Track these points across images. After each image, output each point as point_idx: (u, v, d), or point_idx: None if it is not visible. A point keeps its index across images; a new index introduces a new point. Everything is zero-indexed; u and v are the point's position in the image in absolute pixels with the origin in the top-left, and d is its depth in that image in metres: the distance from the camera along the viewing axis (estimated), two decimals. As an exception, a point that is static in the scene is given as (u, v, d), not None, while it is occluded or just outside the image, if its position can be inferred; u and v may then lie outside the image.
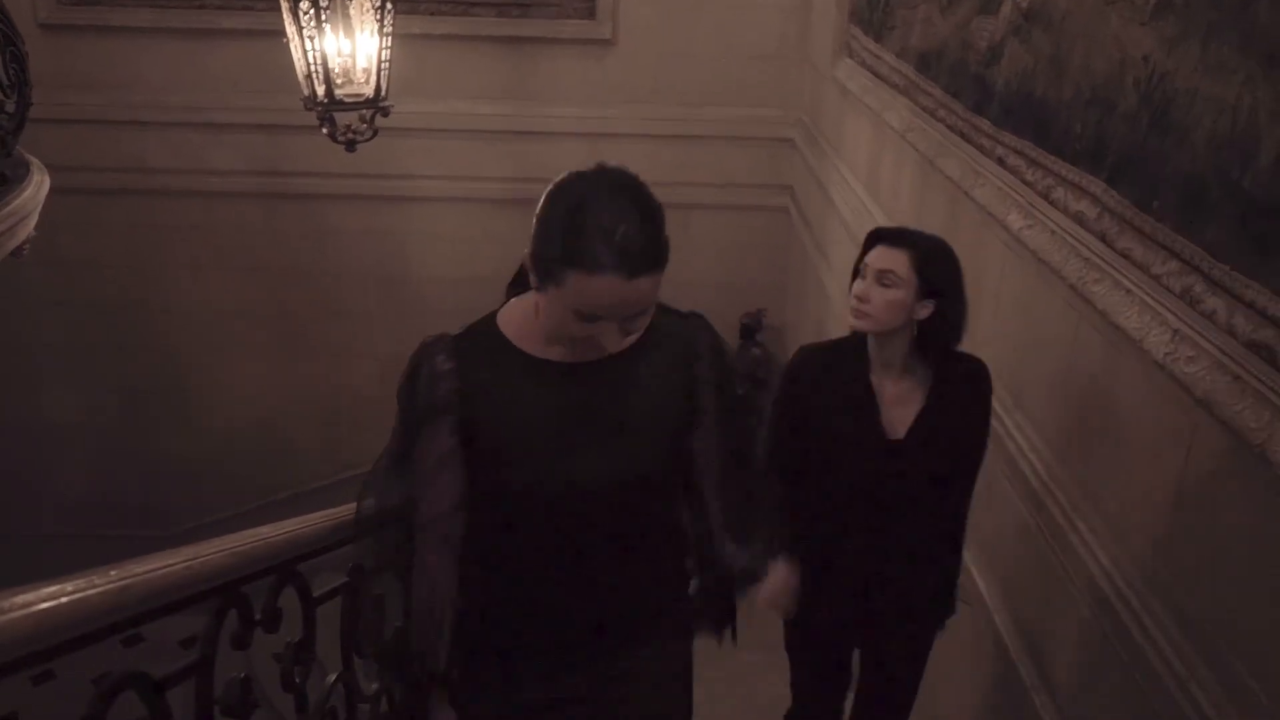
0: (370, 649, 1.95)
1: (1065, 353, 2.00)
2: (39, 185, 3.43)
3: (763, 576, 1.68)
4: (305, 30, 3.40)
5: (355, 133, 3.69)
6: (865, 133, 3.79)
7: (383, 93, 3.66)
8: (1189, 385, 1.47)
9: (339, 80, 3.54)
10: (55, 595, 1.10)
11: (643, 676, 1.55)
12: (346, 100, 3.59)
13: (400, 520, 1.47)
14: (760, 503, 1.67)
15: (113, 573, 1.20)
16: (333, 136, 3.66)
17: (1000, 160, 2.35)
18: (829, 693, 2.26)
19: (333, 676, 1.82)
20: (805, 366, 2.06)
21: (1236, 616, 1.42)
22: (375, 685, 2.00)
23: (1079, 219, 1.92)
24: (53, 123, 4.19)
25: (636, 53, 5.10)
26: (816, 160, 4.66)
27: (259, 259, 5.50)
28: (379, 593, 2.06)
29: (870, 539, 1.98)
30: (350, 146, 3.71)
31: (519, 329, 1.41)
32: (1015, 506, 2.16)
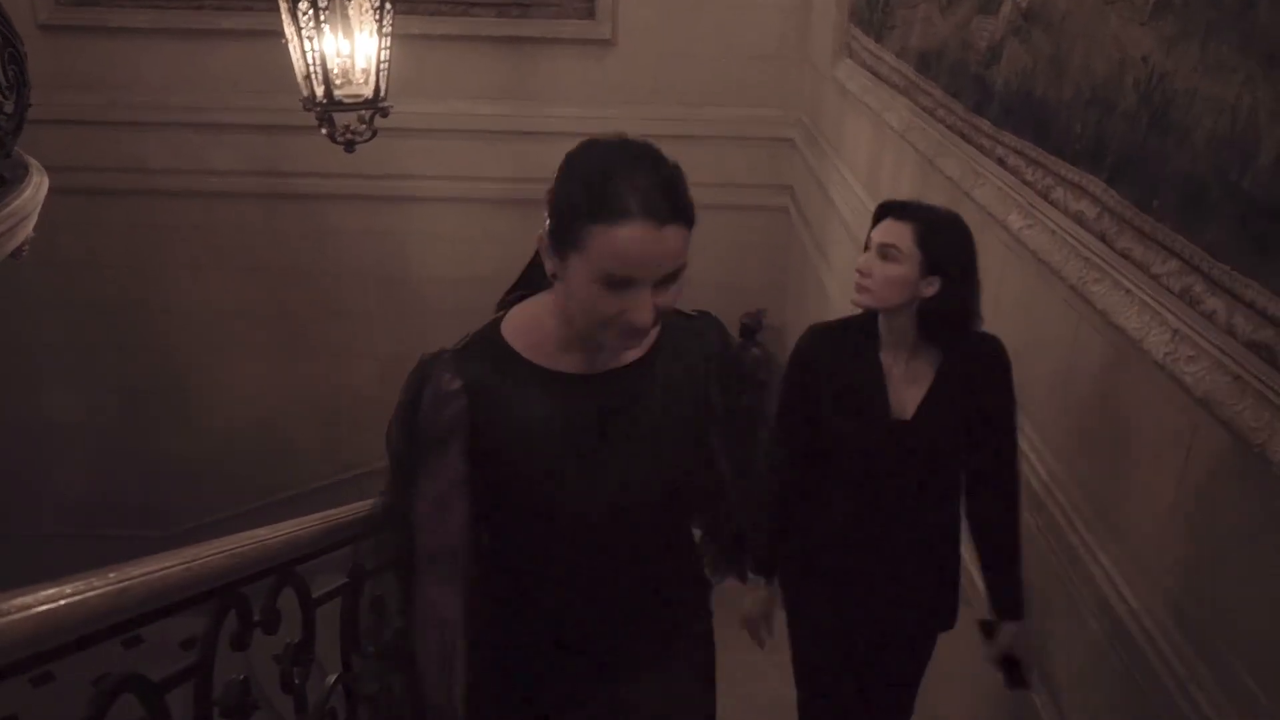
0: (370, 649, 1.95)
1: (1065, 353, 2.00)
2: (38, 186, 3.43)
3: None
4: (304, 31, 3.40)
5: (354, 133, 3.69)
6: (865, 133, 3.79)
7: (382, 93, 3.65)
8: (1189, 385, 1.47)
9: (338, 81, 3.54)
10: (54, 597, 1.10)
11: (663, 696, 1.48)
12: (346, 101, 3.59)
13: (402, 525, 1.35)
14: (755, 511, 1.61)
15: (111, 574, 1.20)
16: (332, 137, 3.66)
17: (1000, 160, 2.34)
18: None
19: (332, 677, 1.82)
20: (813, 345, 1.99)
21: (1236, 617, 1.42)
22: (375, 685, 2.01)
23: (1079, 219, 1.92)
24: (52, 123, 4.18)
25: (636, 53, 5.10)
26: (816, 160, 4.65)
27: (259, 259, 5.50)
28: (378, 593, 2.06)
29: (881, 524, 1.92)
30: (349, 147, 3.71)
31: (527, 338, 1.30)
32: (1015, 507, 2.16)
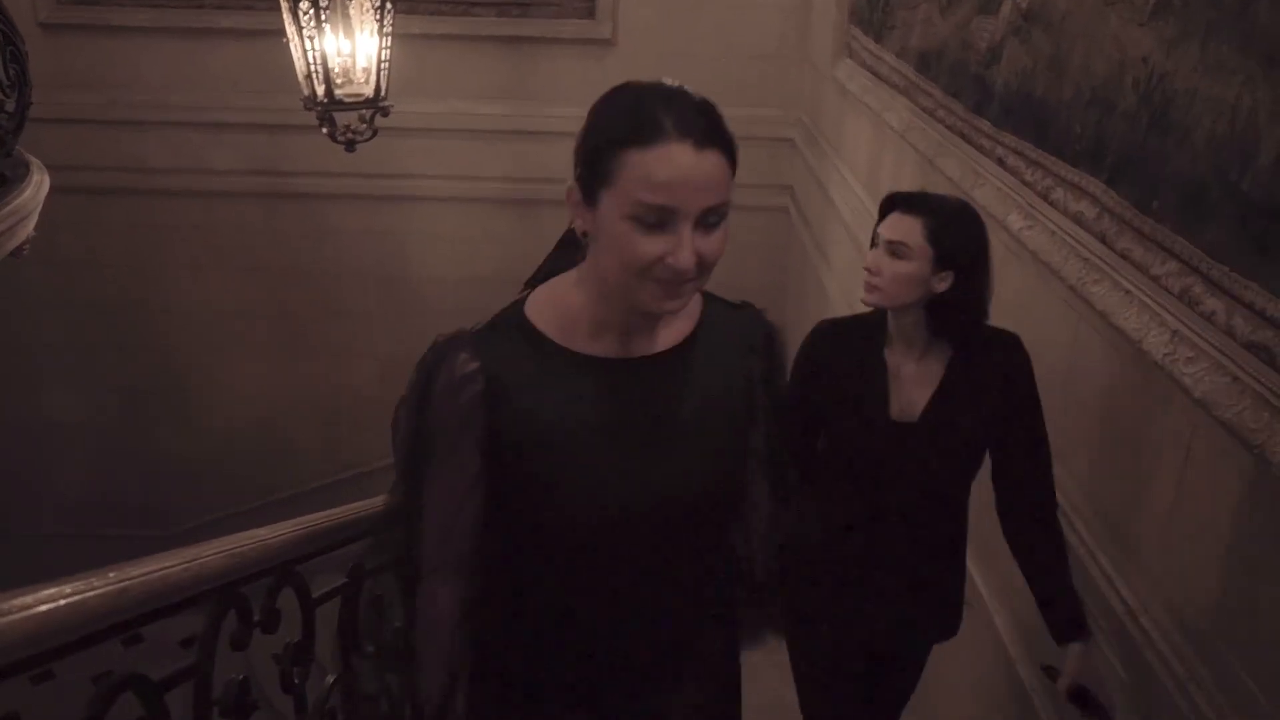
0: (370, 649, 1.95)
1: (1065, 353, 2.00)
2: (39, 185, 3.43)
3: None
4: (305, 30, 3.40)
5: (355, 132, 3.69)
6: (865, 133, 3.79)
7: (382, 93, 3.66)
8: (1188, 386, 1.47)
9: (339, 80, 3.54)
10: (54, 598, 1.10)
11: (688, 711, 1.35)
12: (346, 100, 3.59)
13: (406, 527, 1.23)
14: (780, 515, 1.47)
15: (111, 574, 1.20)
16: (332, 136, 3.66)
17: (1000, 161, 2.34)
18: None
19: (332, 677, 1.82)
20: (819, 343, 1.91)
21: (1236, 617, 1.42)
22: (375, 685, 2.01)
23: (1078, 219, 1.92)
24: (52, 122, 4.18)
25: (636, 53, 5.10)
26: (816, 160, 4.65)
27: (259, 259, 5.50)
28: (379, 593, 2.06)
29: (884, 532, 1.86)
30: (350, 146, 3.71)
31: (555, 319, 1.17)
32: (1015, 507, 2.16)
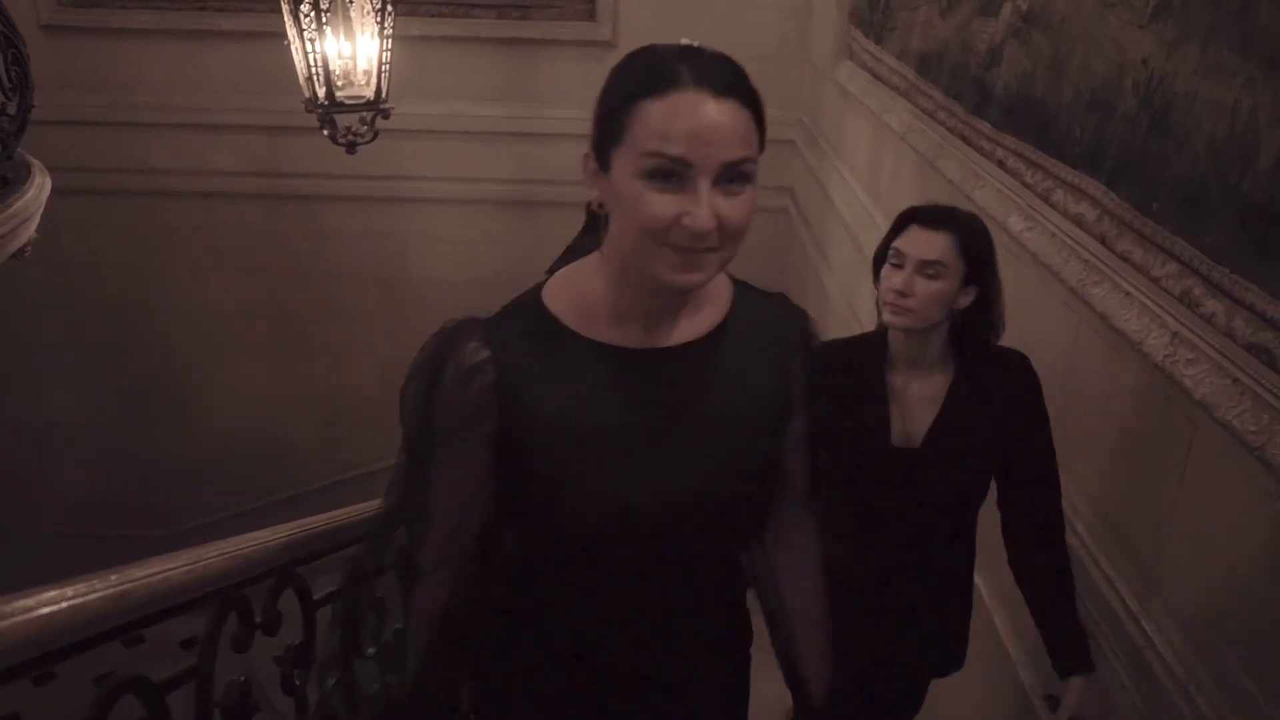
0: (371, 650, 1.95)
1: (1065, 355, 2.00)
2: (40, 187, 3.44)
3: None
4: (306, 32, 3.40)
5: (356, 134, 3.70)
6: (865, 134, 3.79)
7: (383, 94, 3.66)
8: (1188, 387, 1.48)
9: (339, 82, 3.55)
10: (56, 600, 1.10)
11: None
12: (347, 102, 3.60)
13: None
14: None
15: (113, 577, 1.20)
16: (333, 138, 3.67)
17: (1000, 163, 2.35)
18: None
19: (333, 679, 1.82)
20: (815, 368, 1.85)
21: (1236, 618, 1.42)
22: (376, 686, 2.01)
23: (1079, 221, 1.92)
24: (54, 124, 4.20)
25: (637, 54, 5.10)
26: (817, 161, 4.66)
27: (259, 260, 5.51)
28: (379, 595, 2.07)
29: (886, 563, 1.78)
30: (351, 148, 3.72)
31: (574, 305, 1.08)
32: (1015, 508, 2.16)
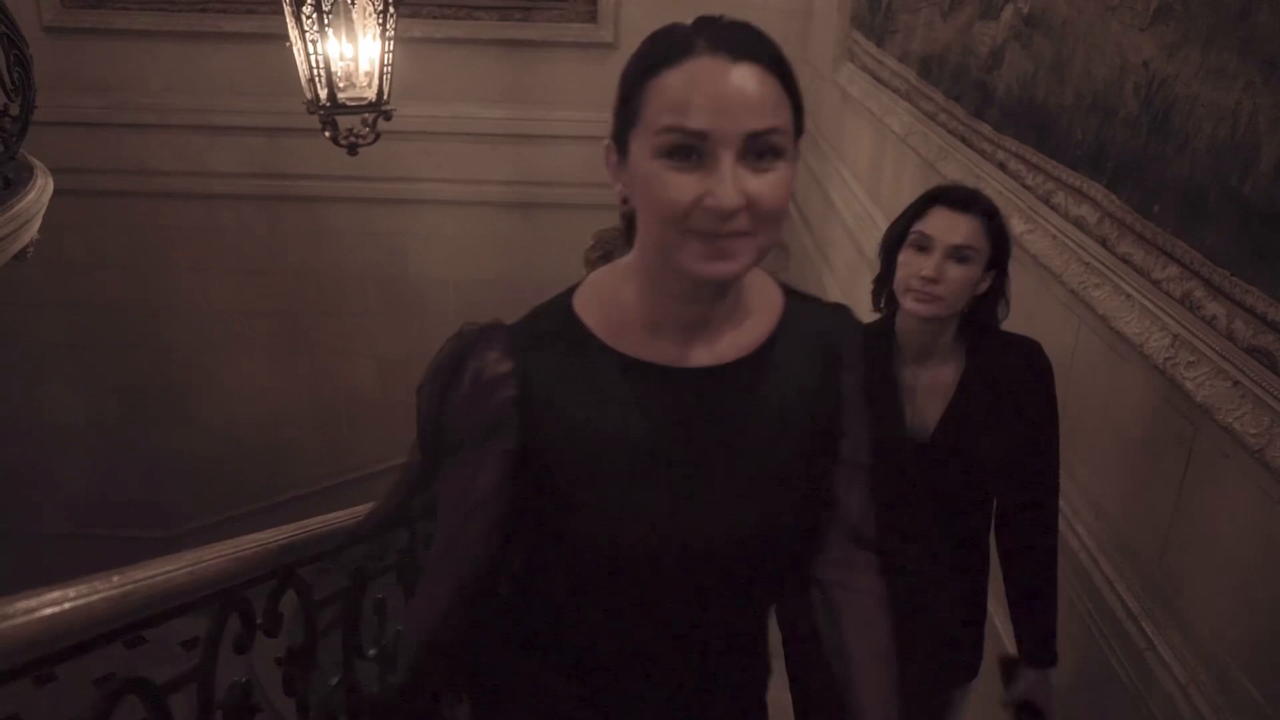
0: (372, 652, 1.95)
1: (1065, 357, 2.00)
2: (42, 189, 3.45)
3: None
4: (308, 34, 3.41)
5: (357, 136, 3.70)
6: (866, 136, 3.79)
7: (385, 96, 3.67)
8: (1189, 390, 1.48)
9: (341, 84, 3.56)
10: (58, 601, 1.10)
11: None
12: (349, 104, 3.60)
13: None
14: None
15: (115, 578, 1.20)
16: (335, 140, 3.67)
17: (1001, 165, 2.35)
18: None
19: (334, 680, 1.83)
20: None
21: (1236, 620, 1.42)
22: (376, 688, 2.01)
23: (1079, 224, 1.92)
24: (56, 125, 4.21)
25: (638, 56, 5.10)
26: (817, 163, 4.66)
27: (260, 261, 5.51)
28: (380, 596, 2.07)
29: (895, 563, 1.71)
30: (352, 149, 3.72)
31: (605, 315, 1.00)
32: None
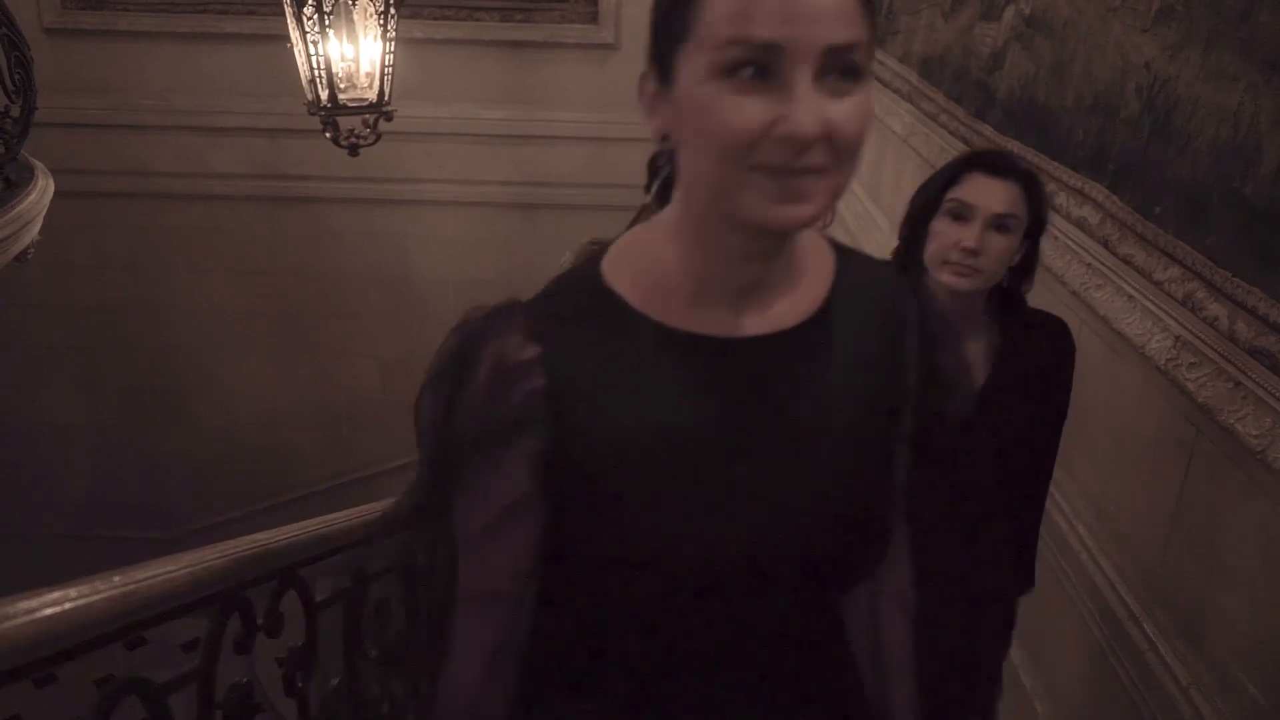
0: (374, 653, 1.95)
1: (1067, 358, 2.00)
2: (43, 190, 3.45)
3: None
4: (309, 35, 3.41)
5: (358, 137, 3.70)
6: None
7: (386, 97, 3.67)
8: (1191, 391, 1.48)
9: (342, 85, 3.55)
10: (59, 601, 1.10)
11: None
12: (350, 105, 3.60)
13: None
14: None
15: (116, 578, 1.20)
16: (335, 141, 3.67)
17: (1002, 165, 2.35)
18: None
19: (335, 681, 1.83)
20: None
21: (1238, 621, 1.42)
22: (377, 689, 2.01)
23: (1081, 225, 1.92)
24: (57, 127, 4.21)
25: (639, 56, 4.95)
26: (819, 164, 4.66)
27: (261, 262, 5.51)
28: (381, 596, 2.07)
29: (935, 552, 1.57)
30: (353, 150, 3.72)
31: (641, 281, 0.82)
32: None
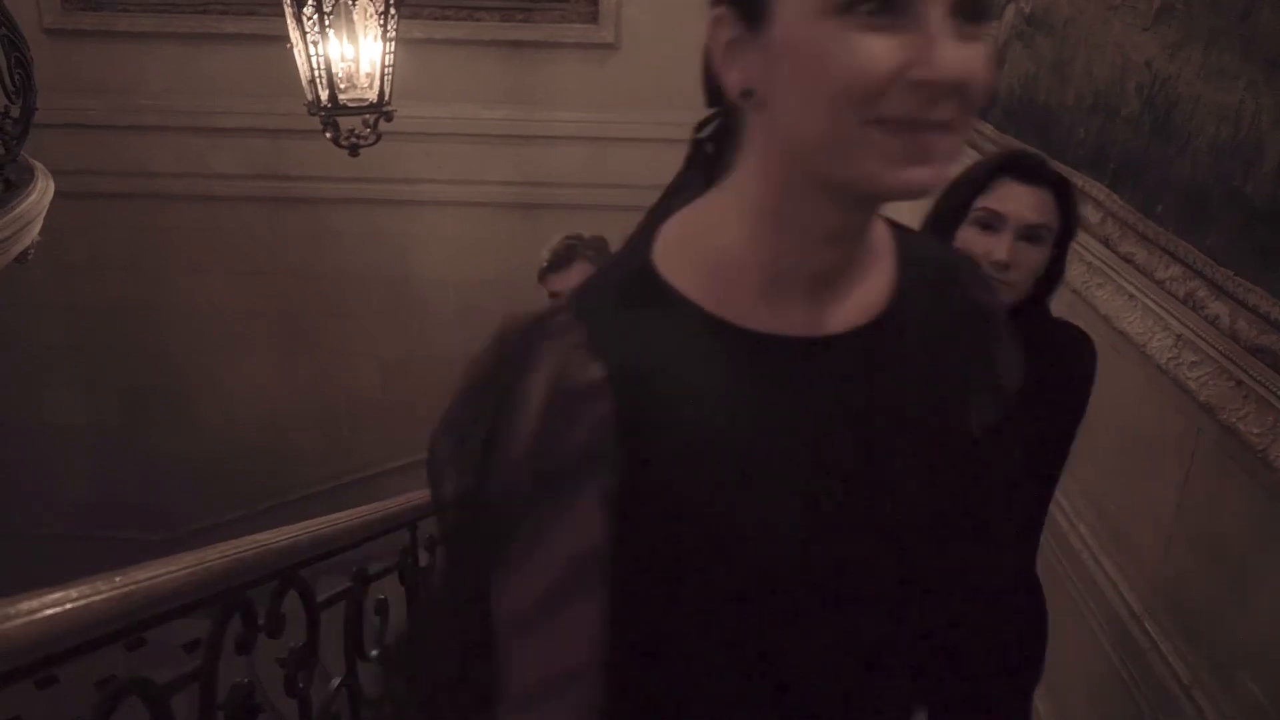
0: (374, 653, 1.96)
1: (1068, 357, 2.00)
2: (43, 191, 3.45)
3: None
4: (309, 35, 3.41)
5: (358, 137, 3.70)
6: (868, 137, 3.78)
7: (386, 97, 3.66)
8: (1192, 390, 1.48)
9: (342, 85, 3.55)
10: (60, 602, 1.10)
11: None
12: (350, 105, 3.60)
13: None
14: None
15: (117, 579, 1.20)
16: (336, 141, 3.67)
17: (1003, 165, 2.34)
18: None
19: (336, 681, 1.83)
20: None
21: (1240, 621, 1.42)
22: (379, 689, 2.01)
23: (1082, 224, 1.92)
24: (57, 127, 4.20)
25: (639, 56, 5.10)
26: (819, 164, 4.65)
27: (262, 262, 5.51)
28: (382, 597, 2.07)
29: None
30: (353, 151, 3.71)
31: (703, 273, 0.69)
32: (1018, 511, 2.15)
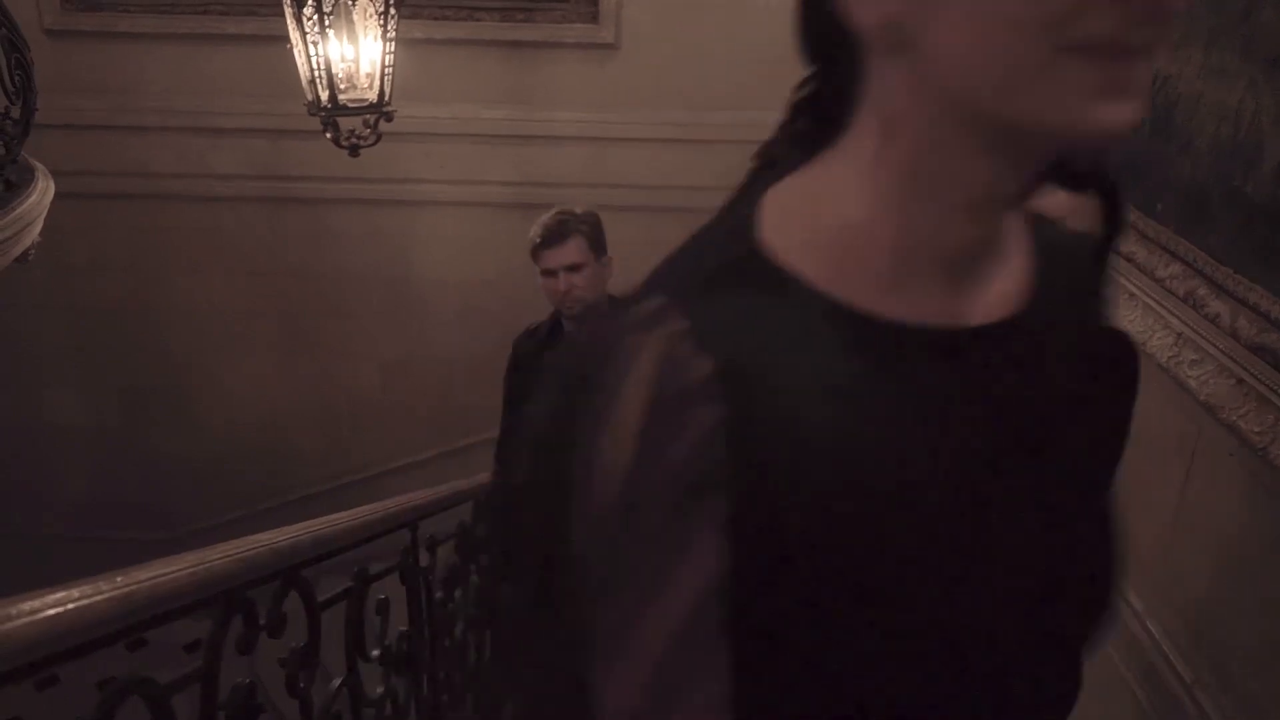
0: (375, 653, 1.96)
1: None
2: (44, 191, 3.45)
3: None
4: (309, 36, 3.41)
5: (358, 137, 3.70)
6: (868, 136, 3.78)
7: (386, 98, 3.67)
8: (1193, 389, 1.48)
9: (342, 85, 3.55)
10: (61, 602, 1.10)
11: None
12: (350, 105, 3.60)
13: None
14: None
15: (118, 579, 1.20)
16: (336, 141, 3.67)
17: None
18: None
19: (337, 681, 1.83)
20: None
21: (1241, 619, 1.42)
22: (380, 689, 2.01)
23: (1082, 223, 1.92)
24: (58, 128, 4.21)
25: (639, 57, 5.10)
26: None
27: (262, 262, 5.51)
28: (383, 597, 2.07)
29: None
30: (353, 151, 3.72)
31: (821, 251, 0.60)
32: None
